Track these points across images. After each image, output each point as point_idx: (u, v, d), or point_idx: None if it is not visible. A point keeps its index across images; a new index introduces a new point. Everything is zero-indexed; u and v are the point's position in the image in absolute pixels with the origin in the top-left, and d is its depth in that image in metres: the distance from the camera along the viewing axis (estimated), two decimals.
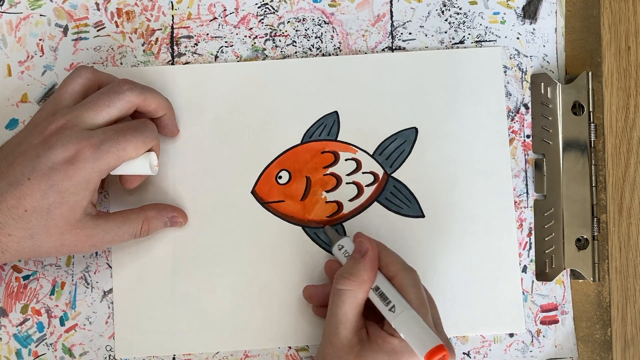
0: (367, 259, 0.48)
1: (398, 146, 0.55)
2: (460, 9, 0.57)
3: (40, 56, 0.56)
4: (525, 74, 0.56)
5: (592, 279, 0.54)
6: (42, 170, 0.46)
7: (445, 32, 0.56)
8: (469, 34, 0.56)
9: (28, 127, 0.49)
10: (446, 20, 0.56)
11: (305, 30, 0.56)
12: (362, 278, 0.47)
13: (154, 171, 0.51)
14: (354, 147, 0.55)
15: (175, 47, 0.56)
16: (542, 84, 0.56)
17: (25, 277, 0.55)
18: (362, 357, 0.46)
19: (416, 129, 0.55)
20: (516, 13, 0.57)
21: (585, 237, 0.55)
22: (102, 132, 0.47)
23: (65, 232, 0.47)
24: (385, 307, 0.47)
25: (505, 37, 0.57)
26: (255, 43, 0.56)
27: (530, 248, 0.55)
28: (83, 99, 0.49)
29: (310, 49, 0.56)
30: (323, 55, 0.56)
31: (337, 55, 0.56)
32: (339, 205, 0.55)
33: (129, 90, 0.49)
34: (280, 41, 0.56)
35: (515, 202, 0.55)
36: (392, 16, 0.56)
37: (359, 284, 0.47)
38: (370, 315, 0.49)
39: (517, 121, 0.56)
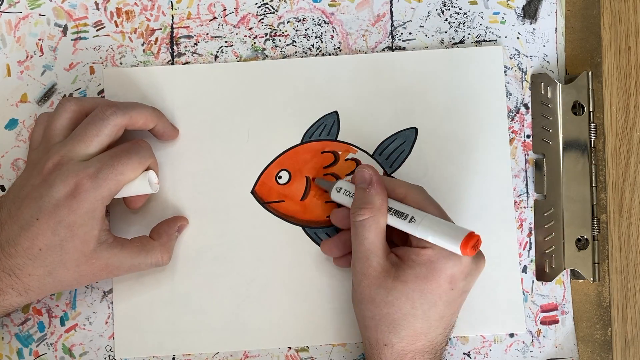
0: (374, 184, 0.49)
1: (398, 146, 0.55)
2: (460, 8, 0.56)
3: (40, 56, 0.56)
4: (525, 74, 0.56)
5: (592, 279, 0.54)
6: (48, 209, 0.47)
7: (445, 32, 0.56)
8: (469, 34, 0.56)
9: (27, 168, 0.50)
10: (446, 20, 0.56)
11: (305, 30, 0.56)
12: (377, 203, 0.48)
13: (155, 189, 0.51)
14: (354, 147, 0.55)
15: (175, 47, 0.56)
16: (542, 84, 0.56)
17: None
18: (401, 277, 0.47)
19: (416, 129, 0.55)
20: (516, 13, 0.57)
21: (585, 237, 0.55)
22: (98, 161, 0.48)
23: (81, 264, 0.48)
24: (405, 220, 0.48)
25: (505, 37, 0.56)
26: (255, 43, 0.56)
27: (530, 248, 0.55)
28: (72, 130, 0.50)
29: (310, 49, 0.56)
30: (323, 55, 0.56)
31: (337, 55, 0.56)
32: (339, 205, 0.55)
33: (112, 114, 0.49)
34: (280, 41, 0.56)
35: (515, 202, 0.55)
36: (392, 16, 0.56)
37: (377, 208, 0.48)
38: (397, 241, 0.51)
39: (517, 121, 0.56)
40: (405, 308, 0.47)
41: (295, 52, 0.56)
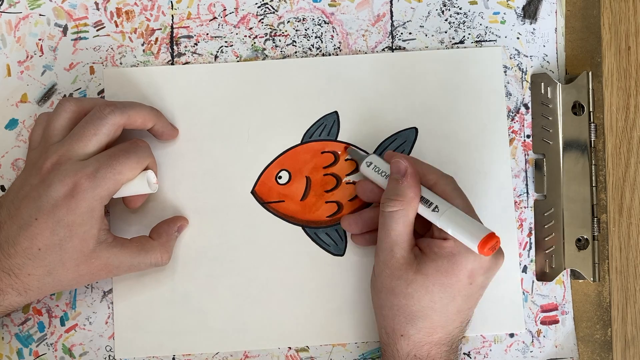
0: (408, 176, 0.49)
1: (398, 146, 0.55)
2: (460, 8, 0.56)
3: (40, 56, 0.56)
4: (525, 74, 0.56)
5: (592, 279, 0.54)
6: (47, 209, 0.47)
7: (445, 32, 0.56)
8: (469, 34, 0.56)
9: (26, 168, 0.50)
10: (446, 20, 0.56)
11: (305, 30, 0.56)
12: (409, 196, 0.48)
13: (154, 189, 0.51)
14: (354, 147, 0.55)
15: (175, 47, 0.56)
16: (542, 83, 0.56)
17: None
18: (423, 270, 0.47)
19: (416, 129, 0.55)
20: (516, 13, 0.57)
21: (585, 237, 0.55)
22: (96, 160, 0.48)
23: (80, 264, 0.48)
24: (428, 208, 0.48)
25: (505, 37, 0.56)
26: (255, 43, 0.56)
27: (530, 248, 0.55)
28: (71, 129, 0.50)
29: (310, 49, 0.56)
30: (323, 55, 0.56)
31: (337, 55, 0.56)
32: (339, 205, 0.55)
33: (110, 113, 0.49)
34: (280, 41, 0.56)
35: (515, 202, 0.55)
36: (392, 16, 0.56)
37: (408, 202, 0.48)
38: (421, 231, 0.51)
39: (517, 121, 0.56)
40: (424, 301, 0.47)
41: (295, 52, 0.56)
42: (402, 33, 0.56)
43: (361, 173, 0.53)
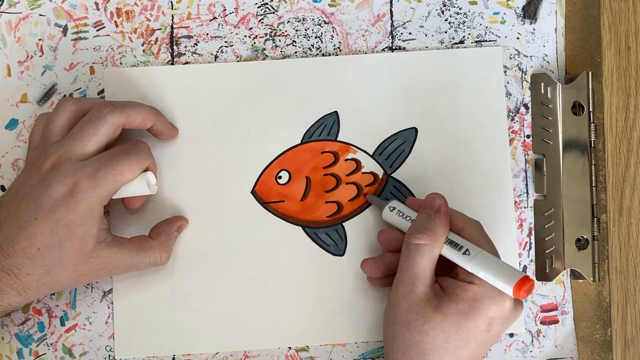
0: (442, 214, 0.49)
1: (398, 146, 0.55)
2: (460, 9, 0.56)
3: (40, 56, 0.56)
4: (525, 74, 0.56)
5: (592, 279, 0.54)
6: (46, 209, 0.47)
7: (445, 32, 0.56)
8: (469, 34, 0.56)
9: (26, 168, 0.50)
10: (446, 20, 0.56)
11: (305, 30, 0.56)
12: (438, 232, 0.48)
13: (153, 190, 0.51)
14: (354, 147, 0.55)
15: (175, 47, 0.56)
16: (542, 84, 0.56)
17: None
18: (442, 309, 0.47)
19: (416, 129, 0.55)
20: (516, 13, 0.57)
21: (585, 237, 0.55)
22: (96, 160, 0.48)
23: (80, 263, 0.48)
24: (459, 252, 0.48)
25: (505, 37, 0.56)
26: (255, 43, 0.56)
27: (530, 248, 0.55)
28: (71, 129, 0.50)
29: (310, 49, 0.56)
30: (323, 55, 0.56)
31: (337, 55, 0.56)
32: (339, 205, 0.55)
33: (109, 113, 0.49)
34: (280, 41, 0.56)
35: (515, 202, 0.55)
36: (392, 16, 0.56)
37: (436, 238, 0.48)
38: (438, 271, 0.50)
39: (517, 121, 0.56)
40: (438, 340, 0.47)
41: (295, 52, 0.56)
42: (402, 33, 0.56)
43: (383, 218, 0.52)
